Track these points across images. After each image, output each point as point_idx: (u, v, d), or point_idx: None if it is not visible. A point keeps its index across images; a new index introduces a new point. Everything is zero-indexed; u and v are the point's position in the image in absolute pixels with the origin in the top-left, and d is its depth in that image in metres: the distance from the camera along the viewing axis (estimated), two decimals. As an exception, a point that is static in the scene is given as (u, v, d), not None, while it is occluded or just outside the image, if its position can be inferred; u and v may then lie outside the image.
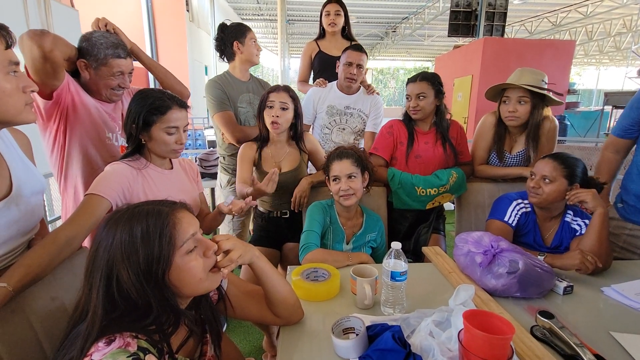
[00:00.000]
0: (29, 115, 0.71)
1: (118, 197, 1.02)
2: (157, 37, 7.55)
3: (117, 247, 0.62)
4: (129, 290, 0.61)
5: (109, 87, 1.30)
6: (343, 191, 1.32)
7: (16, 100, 0.67)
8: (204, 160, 2.91)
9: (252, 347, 1.83)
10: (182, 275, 0.65)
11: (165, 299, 0.64)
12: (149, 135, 1.10)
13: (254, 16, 12.43)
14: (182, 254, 0.65)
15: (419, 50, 18.52)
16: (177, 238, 0.65)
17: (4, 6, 2.33)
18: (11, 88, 0.66)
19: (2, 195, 0.75)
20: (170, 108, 1.09)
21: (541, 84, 1.54)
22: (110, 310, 0.61)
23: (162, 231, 0.63)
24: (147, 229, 0.63)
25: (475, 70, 6.21)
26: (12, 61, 0.66)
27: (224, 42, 1.83)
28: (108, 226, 0.64)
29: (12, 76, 0.66)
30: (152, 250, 0.62)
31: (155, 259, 0.62)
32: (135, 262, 0.61)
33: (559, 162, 1.27)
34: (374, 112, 2.02)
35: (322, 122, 2.04)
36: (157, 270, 0.62)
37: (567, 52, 6.27)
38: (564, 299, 1.04)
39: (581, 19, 11.00)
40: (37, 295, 0.78)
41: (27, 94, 0.70)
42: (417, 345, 0.76)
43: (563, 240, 1.32)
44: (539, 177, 1.28)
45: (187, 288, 0.67)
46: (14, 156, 0.81)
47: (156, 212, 0.65)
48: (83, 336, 0.59)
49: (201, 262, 0.68)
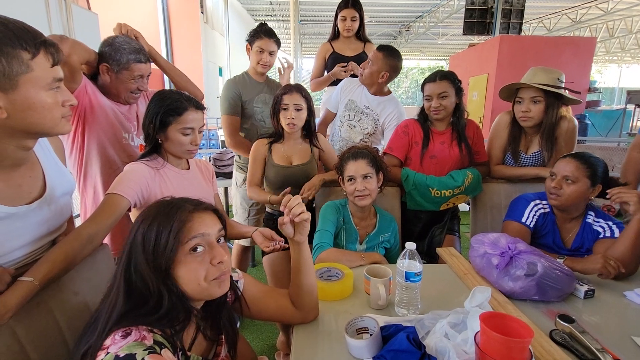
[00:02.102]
0: (64, 126, 0.75)
1: (137, 196, 1.05)
2: (173, 39, 7.70)
3: (138, 237, 0.65)
4: (143, 279, 0.64)
5: (128, 90, 1.35)
6: (359, 192, 1.31)
7: (54, 114, 0.71)
8: (218, 160, 2.95)
9: (264, 346, 1.84)
10: (184, 274, 0.66)
11: (175, 294, 0.66)
12: (165, 135, 1.13)
13: (266, 17, 12.52)
14: (186, 252, 0.66)
15: (433, 49, 18.29)
16: (183, 234, 0.66)
17: (28, 11, 2.42)
18: (52, 103, 0.70)
19: (37, 196, 0.79)
20: (187, 109, 1.12)
21: (557, 83, 1.50)
22: (129, 297, 0.64)
23: (171, 225, 0.65)
24: (160, 222, 0.66)
25: (491, 69, 6.09)
26: (56, 78, 0.70)
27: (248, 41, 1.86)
28: (140, 218, 0.68)
29: (54, 91, 0.70)
30: (159, 242, 0.64)
31: (160, 251, 0.64)
32: (147, 251, 0.64)
33: (581, 161, 1.23)
34: (388, 128, 1.91)
35: (339, 114, 2.02)
36: (161, 262, 0.64)
37: (587, 50, 6.09)
38: (585, 302, 1.01)
39: (602, 15, 10.65)
40: (61, 290, 0.81)
41: (65, 107, 0.74)
42: (432, 346, 0.76)
43: (584, 242, 1.28)
44: (561, 177, 1.24)
45: (189, 289, 0.67)
46: (48, 159, 0.86)
47: (175, 206, 0.68)
48: (103, 320, 0.62)
49: (205, 267, 0.67)
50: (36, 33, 0.67)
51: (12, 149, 0.72)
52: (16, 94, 0.65)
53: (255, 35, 1.79)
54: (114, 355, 0.54)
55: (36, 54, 0.66)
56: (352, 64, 2.17)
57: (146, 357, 0.55)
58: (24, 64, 0.65)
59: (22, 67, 0.64)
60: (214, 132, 4.99)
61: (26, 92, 0.66)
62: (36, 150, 0.82)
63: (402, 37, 14.71)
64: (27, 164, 0.78)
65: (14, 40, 0.63)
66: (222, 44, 8.98)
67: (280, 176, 1.55)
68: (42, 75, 0.67)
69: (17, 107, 0.66)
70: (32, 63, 0.66)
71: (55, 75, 0.70)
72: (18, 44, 0.64)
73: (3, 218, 0.71)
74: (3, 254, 0.74)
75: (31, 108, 0.67)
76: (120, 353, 0.54)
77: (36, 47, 0.66)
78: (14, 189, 0.74)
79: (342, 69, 2.18)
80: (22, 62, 0.64)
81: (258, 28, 1.82)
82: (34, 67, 0.66)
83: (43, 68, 0.67)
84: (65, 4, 2.70)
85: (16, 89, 0.65)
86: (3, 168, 0.72)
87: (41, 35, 0.68)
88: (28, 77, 0.65)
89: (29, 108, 0.67)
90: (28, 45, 0.65)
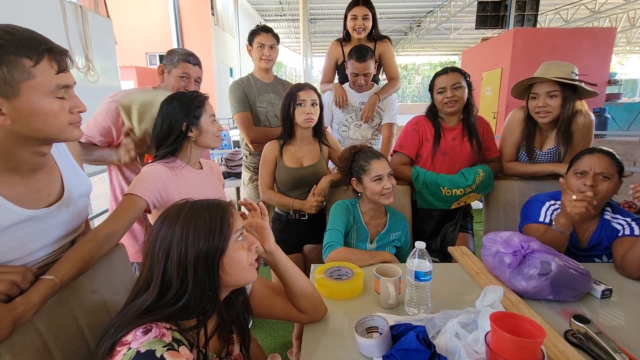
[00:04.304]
0: (73, 133, 0.77)
1: (154, 196, 1.08)
2: (184, 41, 7.83)
3: (180, 235, 0.68)
4: (184, 272, 0.67)
5: (176, 90, 1.40)
6: (387, 189, 1.32)
7: (60, 121, 0.73)
8: (229, 160, 2.99)
9: (277, 344, 1.86)
10: (231, 262, 0.71)
11: (209, 286, 0.69)
12: (199, 128, 1.18)
13: (276, 17, 12.57)
14: (234, 242, 0.72)
15: (444, 44, 18.01)
16: (233, 226, 0.72)
17: (45, 18, 2.51)
18: (56, 109, 0.71)
19: (55, 198, 0.82)
20: (206, 99, 1.22)
21: (571, 76, 1.46)
22: (161, 292, 0.67)
23: (222, 218, 0.71)
24: (210, 218, 0.70)
25: (505, 63, 5.96)
26: (60, 85, 0.71)
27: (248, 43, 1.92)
28: (167, 218, 0.71)
29: (58, 99, 0.72)
30: (213, 235, 0.69)
31: (215, 243, 0.68)
32: (197, 246, 0.67)
33: (610, 157, 1.19)
34: (388, 106, 2.02)
35: (339, 120, 2.05)
36: (214, 253, 0.68)
37: (607, 41, 5.88)
38: (602, 302, 0.99)
39: (622, 4, 10.26)
40: (80, 288, 0.84)
41: (74, 114, 0.76)
42: (442, 346, 0.75)
43: (602, 240, 1.24)
44: (594, 174, 1.18)
45: (234, 276, 0.72)
46: (66, 162, 0.89)
47: (216, 205, 0.73)
48: (136, 307, 0.65)
49: (246, 253, 0.74)
50: (42, 40, 0.69)
51: (27, 155, 0.74)
52: (19, 100, 0.66)
53: (254, 34, 1.86)
54: (136, 351, 0.57)
55: (39, 60, 0.67)
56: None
57: (165, 354, 0.57)
58: (25, 71, 0.66)
59: (23, 75, 0.66)
60: (225, 133, 5.06)
61: (28, 98, 0.67)
62: (53, 153, 0.85)
63: (413, 32, 14.53)
64: (45, 168, 0.81)
65: (17, 48, 0.65)
66: (233, 45, 9.08)
67: (292, 178, 1.56)
68: (45, 82, 0.68)
69: (20, 113, 0.67)
70: (34, 70, 0.67)
71: (60, 82, 0.71)
72: (20, 52, 0.65)
73: (25, 221, 0.75)
74: (26, 254, 0.77)
75: (34, 114, 0.68)
76: (142, 349, 0.57)
77: (39, 54, 0.67)
78: (34, 192, 0.77)
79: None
80: (23, 69, 0.65)
81: (255, 28, 1.89)
82: (36, 74, 0.67)
83: (46, 75, 0.68)
84: (81, 11, 2.78)
85: (18, 96, 0.66)
86: (22, 173, 0.75)
87: (48, 43, 0.69)
88: (30, 84, 0.67)
89: (32, 114, 0.68)
90: (30, 53, 0.66)
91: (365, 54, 1.84)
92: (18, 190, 0.74)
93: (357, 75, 1.89)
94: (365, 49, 1.85)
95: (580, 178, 1.21)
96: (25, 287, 0.72)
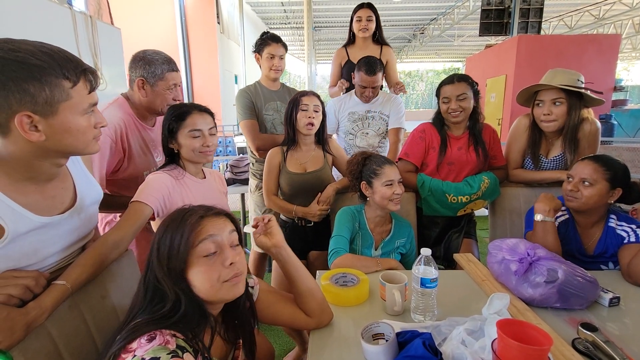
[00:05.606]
0: (94, 147, 0.80)
1: (159, 203, 1.10)
2: (191, 49, 7.93)
3: (155, 243, 0.71)
4: (159, 283, 0.69)
5: (165, 103, 1.35)
6: (397, 195, 1.33)
7: (87, 136, 0.77)
8: (235, 166, 3.01)
9: (281, 351, 1.85)
10: (196, 276, 0.70)
11: (189, 297, 0.69)
12: (177, 142, 1.19)
13: (281, 25, 12.72)
14: (199, 256, 0.70)
15: (448, 51, 18.08)
16: (193, 237, 0.70)
17: (56, 28, 2.57)
18: (86, 126, 0.75)
19: (68, 205, 0.85)
20: (190, 113, 1.18)
21: (577, 84, 1.46)
22: (149, 302, 0.69)
23: (183, 229, 0.70)
24: (173, 227, 0.71)
25: (510, 70, 5.96)
26: (92, 103, 0.76)
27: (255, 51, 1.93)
28: (160, 226, 0.73)
29: (88, 115, 0.76)
30: (173, 245, 0.69)
31: (174, 254, 0.69)
32: (162, 256, 0.69)
33: (600, 164, 1.20)
34: (394, 111, 2.02)
35: (346, 129, 2.06)
36: (175, 265, 0.69)
37: (612, 47, 5.87)
38: (610, 311, 0.98)
39: (627, 11, 10.25)
40: (90, 293, 0.85)
41: (97, 129, 0.79)
42: (448, 353, 0.75)
43: (608, 247, 1.23)
44: (578, 180, 1.22)
45: (203, 290, 0.71)
46: (78, 170, 0.91)
47: (188, 212, 0.73)
48: (126, 322, 0.67)
49: (217, 269, 0.71)
50: (78, 62, 0.72)
51: (47, 166, 0.77)
52: (55, 119, 0.70)
53: (263, 43, 1.85)
54: (141, 359, 0.57)
55: (77, 82, 0.71)
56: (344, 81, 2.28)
57: None
58: (64, 92, 0.69)
59: (62, 95, 0.69)
60: (230, 139, 5.09)
61: (64, 117, 0.71)
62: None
63: (417, 40, 14.62)
64: (59, 177, 0.83)
65: (58, 70, 0.68)
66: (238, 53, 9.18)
67: (296, 184, 1.57)
68: (80, 102, 0.72)
69: (55, 130, 0.70)
70: (72, 91, 0.71)
71: (92, 101, 0.75)
72: (61, 74, 0.68)
73: (40, 227, 0.76)
74: (39, 260, 0.79)
75: (67, 132, 0.72)
76: (146, 357, 0.57)
77: (77, 76, 0.71)
78: (49, 200, 0.80)
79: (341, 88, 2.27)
80: (63, 90, 0.69)
81: (263, 36, 1.88)
82: (74, 94, 0.71)
83: (81, 95, 0.72)
84: (91, 20, 2.85)
85: (56, 115, 0.70)
86: (39, 182, 0.78)
87: (82, 64, 0.73)
88: (68, 104, 0.70)
89: (65, 132, 0.72)
90: (70, 75, 0.70)
91: (374, 67, 1.84)
92: (34, 197, 0.76)
93: (365, 88, 1.91)
94: (374, 62, 1.86)
95: (568, 183, 1.25)
96: (38, 291, 0.73)
